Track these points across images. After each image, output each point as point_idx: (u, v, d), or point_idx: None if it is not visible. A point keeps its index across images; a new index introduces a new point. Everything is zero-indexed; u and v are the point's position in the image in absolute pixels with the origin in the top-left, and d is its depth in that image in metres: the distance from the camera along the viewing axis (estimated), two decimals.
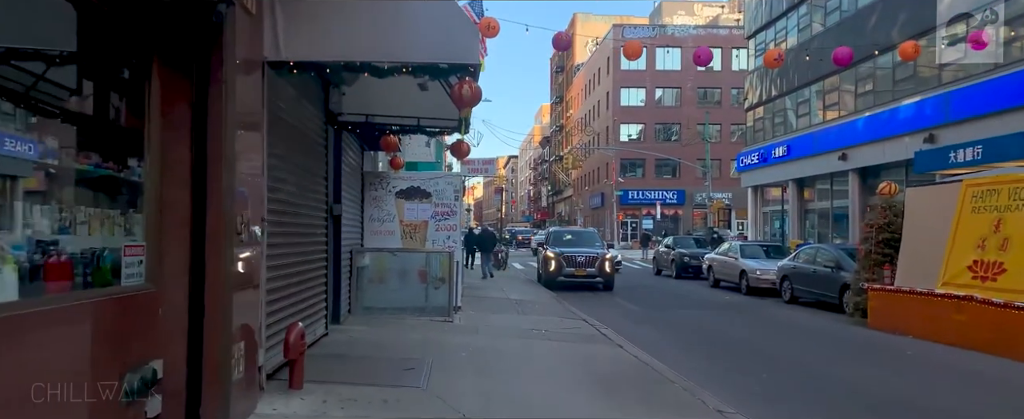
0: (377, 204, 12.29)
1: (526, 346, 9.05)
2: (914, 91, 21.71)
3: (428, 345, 8.44)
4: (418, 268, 11.88)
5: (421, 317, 10.89)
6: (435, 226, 12.43)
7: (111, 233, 4.38)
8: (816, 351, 10.71)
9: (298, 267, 6.97)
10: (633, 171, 59.17)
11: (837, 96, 26.98)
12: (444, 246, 12.25)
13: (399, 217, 12.38)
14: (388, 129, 9.03)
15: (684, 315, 14.82)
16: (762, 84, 33.22)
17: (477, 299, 15.17)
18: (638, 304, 16.55)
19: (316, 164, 7.82)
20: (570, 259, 19.60)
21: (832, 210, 27.69)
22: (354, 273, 10.67)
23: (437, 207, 12.45)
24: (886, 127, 22.83)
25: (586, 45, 75.01)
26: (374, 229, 12.26)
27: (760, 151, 32.37)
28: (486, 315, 12.38)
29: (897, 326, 11.96)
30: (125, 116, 4.61)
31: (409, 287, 11.85)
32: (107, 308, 3.93)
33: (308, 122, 7.42)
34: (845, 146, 25.24)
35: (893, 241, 13.11)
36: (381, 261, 11.83)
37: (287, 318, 6.42)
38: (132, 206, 4.62)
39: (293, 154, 6.81)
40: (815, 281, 16.04)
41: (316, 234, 7.73)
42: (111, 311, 3.96)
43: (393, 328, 9.56)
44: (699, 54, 11.98)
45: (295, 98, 6.80)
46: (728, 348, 10.76)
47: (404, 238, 12.39)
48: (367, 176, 12.17)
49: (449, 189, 12.50)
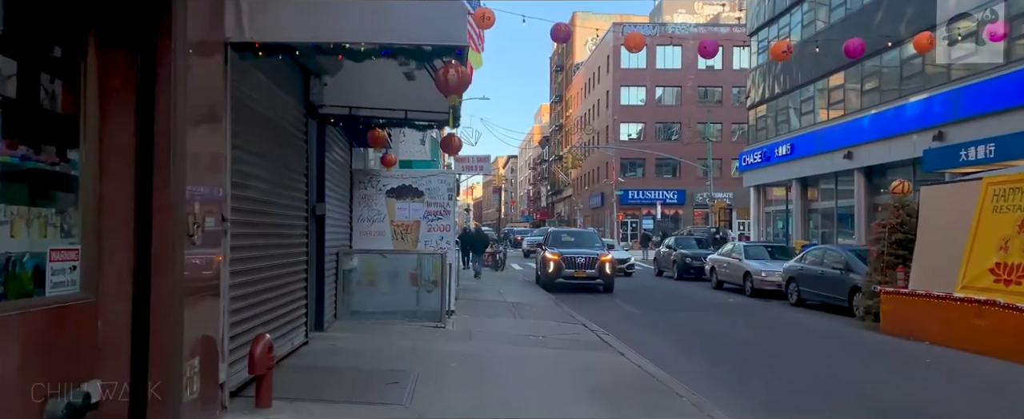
0: (366, 203, 11.72)
1: (521, 354, 8.48)
2: (922, 88, 21.15)
3: (417, 354, 7.87)
4: (409, 271, 11.32)
5: (412, 322, 10.32)
6: (428, 226, 11.86)
7: (42, 235, 3.81)
8: (827, 356, 10.15)
9: (271, 271, 6.40)
10: (633, 171, 58.57)
11: (842, 93, 26.42)
12: (437, 247, 11.69)
13: (390, 217, 11.81)
14: (374, 122, 8.45)
15: (687, 318, 14.25)
16: (764, 82, 32.65)
17: (472, 302, 14.60)
18: (639, 307, 15.98)
19: (294, 159, 7.25)
20: (569, 260, 19.02)
21: (836, 210, 27.12)
22: (340, 276, 10.10)
23: (430, 206, 11.89)
24: (893, 125, 22.26)
25: (586, 43, 74.45)
26: (363, 230, 11.70)
27: (763, 150, 31.80)
28: (481, 320, 11.81)
29: (911, 331, 11.39)
30: (59, 101, 4.04)
31: (400, 290, 11.29)
32: (23, 322, 3.36)
33: (284, 113, 6.85)
34: (850, 144, 24.66)
35: (906, 242, 12.55)
36: (371, 263, 11.28)
37: (257, 327, 5.85)
38: (72, 204, 4.06)
39: (265, 148, 6.25)
40: (823, 283, 15.47)
41: (294, 235, 7.16)
42: (29, 326, 3.39)
43: (380, 335, 8.98)
44: (705, 45, 11.44)
45: (267, 86, 6.23)
46: (734, 353, 10.19)
47: (395, 239, 11.82)
48: (356, 174, 11.60)
49: (442, 188, 11.93)
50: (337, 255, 10.02)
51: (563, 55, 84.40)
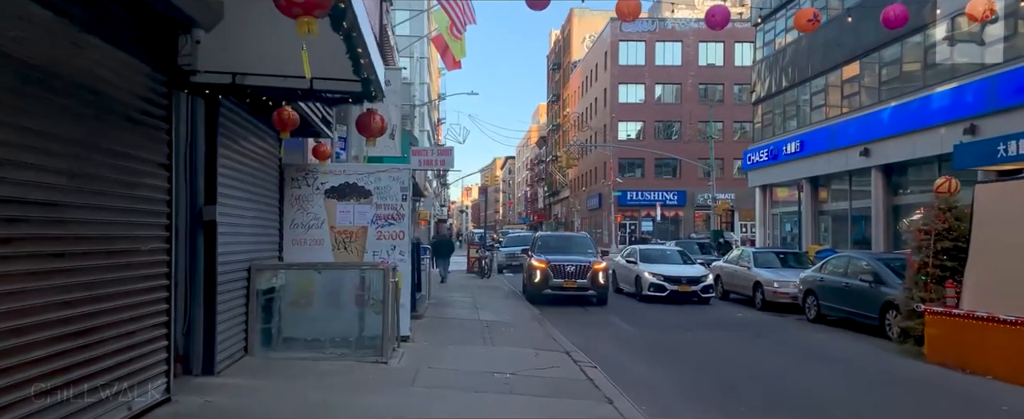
0: (301, 205, 9.58)
1: (474, 410, 6.33)
2: (951, 76, 19.01)
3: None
4: (352, 289, 9.17)
5: (345, 357, 8.17)
6: (376, 233, 9.72)
7: None
8: (872, 396, 8.05)
9: (76, 301, 4.26)
10: (632, 171, 56.39)
11: (857, 85, 24.29)
12: (388, 259, 9.56)
13: (329, 222, 9.68)
14: (267, 95, 6.32)
15: (692, 340, 12.13)
16: (772, 74, 30.52)
17: (439, 321, 12.47)
18: (636, 324, 13.85)
19: (140, 146, 5.11)
20: (558, 269, 16.86)
21: (850, 212, 25.00)
22: (253, 298, 7.96)
23: (379, 209, 9.75)
24: (917, 118, 20.13)
25: (583, 41, 72.30)
26: (297, 238, 9.56)
27: (769, 148, 29.67)
28: (441, 348, 9.68)
29: (966, 362, 9.28)
30: None
31: (340, 313, 9.15)
32: None
33: (113, 76, 4.71)
34: (867, 140, 22.52)
35: (955, 252, 10.44)
36: (304, 280, 9.14)
37: (41, 382, 3.72)
38: None
39: (59, 125, 4.12)
40: (848, 297, 13.34)
41: (136, 251, 5.02)
42: None
43: (289, 381, 6.82)
44: (714, 13, 9.32)
45: (61, 27, 4.10)
46: (755, 393, 8.06)
47: (336, 249, 9.68)
48: (287, 169, 9.48)
49: (395, 186, 9.79)
50: (248, 271, 7.88)
51: (560, 53, 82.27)
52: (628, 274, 19.17)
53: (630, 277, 18.90)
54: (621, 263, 20.22)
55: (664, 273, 17.86)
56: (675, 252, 20.30)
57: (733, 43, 56.30)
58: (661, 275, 17.77)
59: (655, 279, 17.71)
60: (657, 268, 18.23)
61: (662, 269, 18.17)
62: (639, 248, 20.95)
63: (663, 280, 17.61)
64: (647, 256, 19.48)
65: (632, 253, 20.11)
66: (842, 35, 24.26)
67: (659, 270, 18.07)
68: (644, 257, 19.29)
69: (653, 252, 20.45)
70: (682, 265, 18.89)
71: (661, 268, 18.24)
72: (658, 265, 18.54)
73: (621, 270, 20.01)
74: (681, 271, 18.16)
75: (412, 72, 54.56)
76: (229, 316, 7.24)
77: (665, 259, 19.34)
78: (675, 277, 17.68)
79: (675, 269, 18.29)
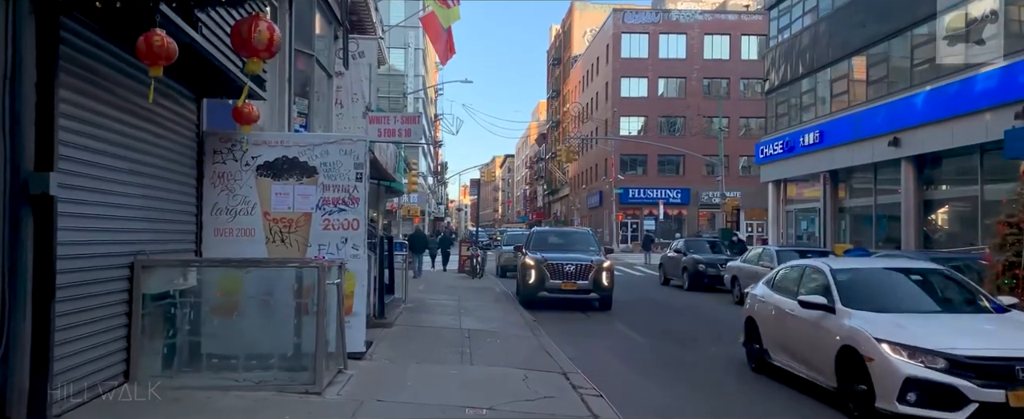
0: (226, 186, 7.52)
1: None
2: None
3: None
4: (289, 293, 7.10)
5: (263, 385, 6.10)
6: (322, 221, 7.65)
7: None
8: None
9: None
10: (634, 168, 54.25)
11: (885, 69, 22.19)
12: (335, 255, 7.51)
13: (263, 208, 7.61)
14: None
15: (715, 354, 10.04)
16: (787, 61, 28.43)
17: (413, 328, 10.41)
18: (645, 333, 11.79)
19: None
20: (555, 268, 14.76)
21: (875, 208, 22.94)
22: (137, 305, 5.86)
23: (327, 191, 7.68)
24: (956, 102, 18.05)
25: (584, 35, 70.21)
26: (221, 227, 7.50)
27: (785, 139, 27.58)
28: (403, 366, 7.61)
29: None
30: None
31: (273, 324, 7.07)
32: None
33: None
34: (897, 129, 20.43)
35: None
36: (229, 282, 7.06)
37: None
38: None
39: None
40: None
41: None
42: None
43: None
44: None
45: None
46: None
47: (271, 241, 7.61)
48: (207, 139, 7.41)
49: (346, 161, 7.71)
50: (131, 269, 5.80)
51: (560, 48, 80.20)
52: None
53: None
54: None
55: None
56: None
57: (739, 35, 54.28)
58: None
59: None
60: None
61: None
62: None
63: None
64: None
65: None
66: (868, 15, 22.22)
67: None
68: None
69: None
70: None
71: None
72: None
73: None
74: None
75: (406, 64, 52.60)
76: (88, 331, 5.16)
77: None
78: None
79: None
